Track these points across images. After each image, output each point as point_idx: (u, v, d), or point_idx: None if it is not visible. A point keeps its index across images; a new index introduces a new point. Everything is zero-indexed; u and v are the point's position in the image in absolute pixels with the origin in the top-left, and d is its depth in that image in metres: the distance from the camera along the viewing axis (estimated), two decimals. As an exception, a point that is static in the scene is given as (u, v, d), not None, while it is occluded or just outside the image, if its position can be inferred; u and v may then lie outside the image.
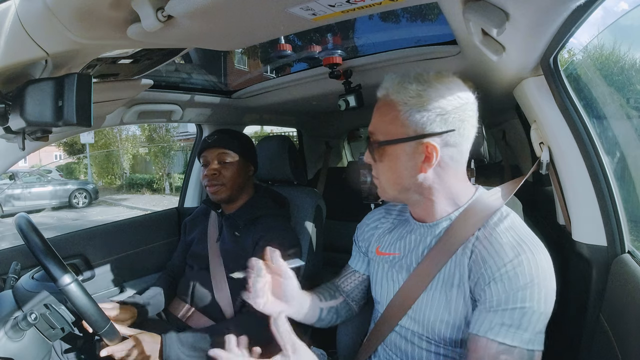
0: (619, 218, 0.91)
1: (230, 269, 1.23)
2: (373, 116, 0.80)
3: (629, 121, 1.25)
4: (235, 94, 1.70)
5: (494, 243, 0.70)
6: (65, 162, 15.97)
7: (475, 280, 0.70)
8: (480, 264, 0.70)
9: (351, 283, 1.02)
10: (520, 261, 0.66)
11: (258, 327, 1.14)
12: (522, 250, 0.67)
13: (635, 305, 0.71)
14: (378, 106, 0.79)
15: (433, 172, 0.75)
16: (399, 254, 0.87)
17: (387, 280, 0.88)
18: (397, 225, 0.92)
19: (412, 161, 0.74)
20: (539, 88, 0.96)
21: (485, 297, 0.67)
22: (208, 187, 1.26)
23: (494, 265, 0.67)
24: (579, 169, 0.94)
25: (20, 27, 0.58)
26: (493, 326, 0.65)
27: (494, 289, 0.66)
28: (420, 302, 0.79)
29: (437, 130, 0.72)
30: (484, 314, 0.67)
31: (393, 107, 0.74)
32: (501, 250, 0.68)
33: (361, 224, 1.02)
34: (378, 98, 0.80)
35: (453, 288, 0.74)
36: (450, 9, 0.74)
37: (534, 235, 0.72)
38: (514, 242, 0.69)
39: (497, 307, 0.65)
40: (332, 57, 1.24)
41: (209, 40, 0.74)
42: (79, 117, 0.62)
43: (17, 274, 1.01)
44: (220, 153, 1.26)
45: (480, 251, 0.71)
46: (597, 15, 0.69)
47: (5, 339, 0.81)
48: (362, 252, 1.00)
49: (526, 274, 0.65)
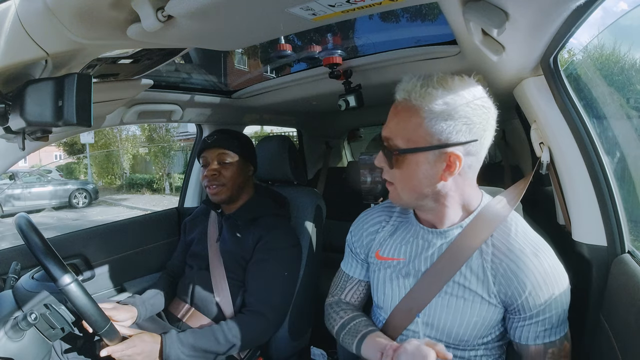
0: (619, 218, 0.91)
1: (230, 269, 1.23)
2: (390, 119, 0.76)
3: (629, 121, 1.25)
4: (235, 94, 1.70)
5: (517, 253, 0.74)
6: (65, 162, 15.97)
7: (509, 293, 0.74)
8: (511, 277, 0.74)
9: (360, 294, 0.99)
10: (545, 271, 0.73)
11: (257, 326, 1.14)
12: (542, 260, 0.73)
13: (635, 305, 0.71)
14: (397, 110, 0.75)
15: (452, 180, 0.74)
16: (404, 259, 0.85)
17: (391, 286, 0.86)
18: (398, 228, 0.90)
19: (434, 169, 0.73)
20: (539, 88, 0.96)
21: (523, 309, 0.74)
22: (208, 187, 1.26)
23: (525, 278, 0.72)
24: (579, 169, 0.94)
25: (20, 27, 0.58)
26: (538, 334, 0.74)
27: (531, 303, 0.73)
28: (434, 307, 0.79)
29: (462, 140, 0.71)
30: (527, 327, 0.75)
31: (416, 113, 0.71)
32: (527, 262, 0.73)
33: (356, 227, 0.98)
34: (397, 100, 0.75)
35: (478, 297, 0.76)
36: (450, 9, 0.73)
37: (541, 238, 0.78)
38: (533, 250, 0.74)
39: (537, 318, 0.73)
40: (332, 57, 1.24)
41: (209, 40, 0.74)
42: (79, 117, 0.62)
43: (17, 274, 1.01)
44: (220, 153, 1.26)
45: (505, 263, 0.75)
46: (596, 16, 0.69)
47: (5, 339, 0.81)
48: (360, 259, 0.96)
49: (553, 283, 0.72)
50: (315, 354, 1.21)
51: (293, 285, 1.28)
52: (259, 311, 1.15)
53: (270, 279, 1.18)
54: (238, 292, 1.21)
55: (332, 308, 0.98)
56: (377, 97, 1.56)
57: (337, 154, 2.91)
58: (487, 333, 0.78)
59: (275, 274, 1.19)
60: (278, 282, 1.19)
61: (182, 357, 1.03)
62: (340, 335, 0.91)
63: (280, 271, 1.20)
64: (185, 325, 1.20)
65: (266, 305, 1.16)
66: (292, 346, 1.32)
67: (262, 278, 1.18)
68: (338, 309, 0.96)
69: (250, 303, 1.17)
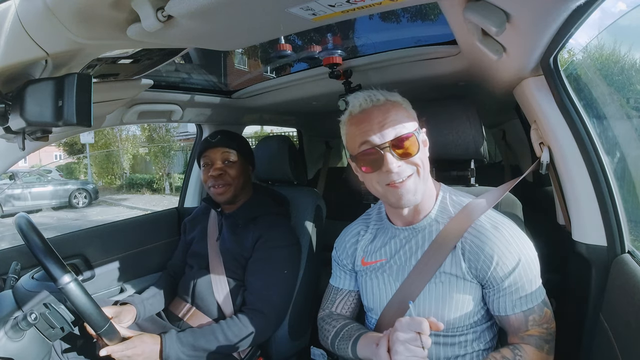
0: (619, 218, 0.91)
1: (230, 268, 1.23)
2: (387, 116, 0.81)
3: (629, 121, 1.25)
4: (235, 94, 1.70)
5: (478, 229, 0.82)
6: (65, 162, 15.97)
7: (479, 266, 0.80)
8: (477, 252, 0.80)
9: (351, 305, 1.01)
10: (506, 239, 0.79)
11: (257, 325, 1.14)
12: (502, 230, 0.80)
13: (635, 305, 0.71)
14: (387, 107, 0.82)
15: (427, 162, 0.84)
16: (385, 260, 0.90)
17: (378, 287, 0.90)
18: (377, 234, 0.96)
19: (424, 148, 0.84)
20: (539, 88, 0.96)
21: (495, 281, 0.79)
22: (214, 187, 1.25)
23: (490, 250, 0.79)
24: (579, 169, 0.94)
25: (20, 27, 0.58)
26: (515, 303, 0.79)
27: (500, 272, 0.78)
28: (422, 299, 0.83)
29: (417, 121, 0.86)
30: (503, 298, 0.80)
31: (400, 105, 0.83)
32: (488, 235, 0.80)
33: (339, 242, 1.04)
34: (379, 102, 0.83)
35: (454, 278, 0.82)
36: (450, 9, 0.74)
37: (501, 214, 0.87)
38: (492, 224, 0.82)
39: (510, 288, 0.79)
40: (332, 57, 1.24)
41: (209, 40, 0.74)
42: (79, 117, 0.62)
43: (17, 274, 1.01)
44: (224, 152, 1.26)
45: (470, 240, 0.82)
46: (596, 16, 0.69)
47: (5, 339, 0.81)
48: (348, 269, 1.00)
49: (517, 250, 0.79)
50: (315, 354, 1.21)
51: (293, 283, 1.28)
52: (259, 309, 1.15)
53: (270, 278, 1.18)
54: (238, 291, 1.21)
55: (324, 321, 1.00)
56: (377, 97, 1.56)
57: (337, 154, 2.91)
58: (472, 313, 0.82)
59: (275, 273, 1.19)
60: (278, 280, 1.19)
61: (182, 357, 1.03)
62: (335, 343, 0.92)
63: (280, 269, 1.20)
64: (186, 325, 1.21)
65: (266, 303, 1.16)
66: (292, 346, 1.32)
67: (261, 276, 1.19)
68: (330, 320, 0.98)
69: (250, 301, 1.17)
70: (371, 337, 0.81)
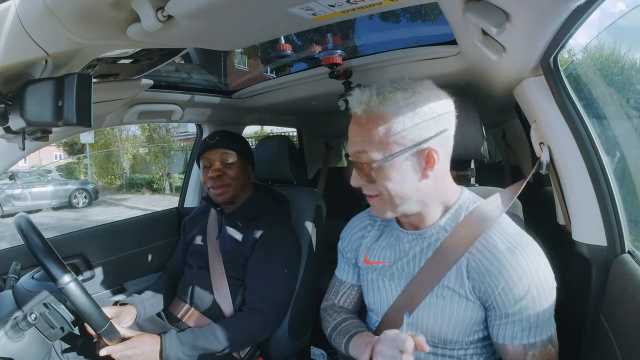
0: (619, 218, 0.91)
1: (229, 267, 1.23)
2: (355, 135, 0.74)
3: (629, 121, 1.25)
4: (235, 94, 1.70)
5: (489, 249, 0.73)
6: (65, 162, 15.96)
7: (483, 289, 0.73)
8: (484, 273, 0.72)
9: (353, 299, 1.01)
10: (520, 267, 0.70)
11: (257, 324, 1.14)
12: (517, 255, 0.71)
13: (635, 305, 0.71)
14: (360, 123, 0.73)
15: (432, 175, 0.74)
16: (388, 262, 0.87)
17: (379, 290, 0.88)
18: (382, 232, 0.93)
19: (414, 170, 0.72)
20: (539, 88, 0.96)
21: (498, 306, 0.72)
22: (213, 188, 1.26)
23: (497, 274, 0.71)
24: (579, 169, 0.94)
25: (20, 27, 0.58)
26: (515, 334, 0.72)
27: (505, 300, 0.71)
28: (421, 310, 0.79)
29: (433, 133, 0.71)
30: (504, 325, 0.72)
31: (382, 120, 0.70)
32: (499, 257, 0.71)
33: (345, 234, 1.01)
34: (357, 115, 0.74)
35: (456, 295, 0.76)
36: (450, 9, 0.73)
37: (522, 233, 0.76)
38: (508, 246, 0.73)
39: (513, 317, 0.71)
40: (332, 57, 1.24)
41: (209, 40, 0.74)
42: (79, 117, 0.62)
43: (17, 274, 1.01)
44: (223, 153, 1.27)
45: (478, 258, 0.74)
46: (596, 16, 0.69)
47: (5, 339, 0.81)
48: (352, 263, 0.99)
49: (529, 278, 0.70)
50: (315, 354, 1.21)
51: (293, 283, 1.28)
52: (259, 309, 1.15)
53: (269, 277, 1.18)
54: (238, 291, 1.21)
55: (326, 312, 1.00)
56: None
57: (337, 154, 2.90)
58: (472, 332, 0.77)
59: (274, 272, 1.19)
60: (278, 279, 1.19)
61: (182, 357, 1.03)
62: (332, 336, 0.92)
63: (279, 269, 1.20)
64: (186, 325, 1.20)
65: (266, 302, 1.16)
66: (292, 346, 1.32)
67: (261, 276, 1.18)
68: (332, 312, 0.98)
69: (249, 301, 1.17)
70: (363, 339, 0.80)
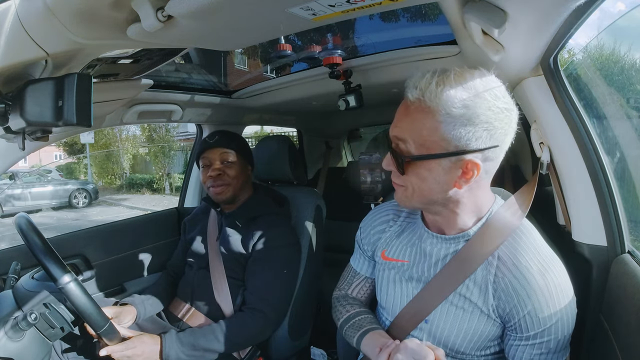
0: (619, 218, 0.91)
1: (229, 268, 1.23)
2: (400, 119, 0.69)
3: (629, 121, 1.25)
4: (235, 94, 1.70)
5: (522, 270, 0.70)
6: (65, 162, 15.96)
7: (507, 309, 0.71)
8: (512, 294, 0.70)
9: (367, 291, 0.99)
10: (549, 292, 0.68)
11: (257, 324, 1.14)
12: (548, 279, 0.68)
13: (635, 305, 0.71)
14: (409, 110, 0.67)
15: (466, 187, 0.69)
16: (407, 262, 0.83)
17: (394, 289, 0.85)
18: (405, 229, 0.88)
19: (447, 176, 0.67)
20: (539, 88, 0.96)
21: (520, 329, 0.70)
22: (212, 188, 1.26)
23: (526, 297, 0.68)
24: (579, 169, 0.94)
25: (20, 27, 0.58)
26: (533, 357, 0.70)
27: (529, 323, 0.68)
28: (437, 317, 0.78)
29: (482, 146, 0.64)
30: (522, 347, 0.70)
31: (432, 116, 0.64)
32: (530, 280, 0.69)
33: (365, 225, 0.96)
34: (408, 99, 0.67)
35: (473, 306, 0.74)
36: (450, 9, 0.73)
37: (553, 254, 0.73)
38: (540, 268, 0.69)
39: (534, 341, 0.69)
40: (332, 57, 1.24)
41: (209, 40, 0.74)
42: (79, 117, 0.62)
43: (17, 274, 1.01)
44: (223, 153, 1.27)
45: (508, 279, 0.70)
46: (595, 17, 0.69)
47: (5, 339, 0.81)
48: (368, 255, 0.95)
49: (556, 304, 0.68)
50: (315, 354, 1.21)
51: (293, 283, 1.28)
52: (259, 309, 1.15)
53: (269, 277, 1.18)
54: (238, 291, 1.21)
55: (338, 301, 0.98)
56: (377, 97, 1.56)
57: (337, 154, 2.91)
58: (485, 346, 0.76)
59: (274, 272, 1.19)
60: (278, 280, 1.19)
61: (182, 357, 1.03)
62: (344, 327, 0.90)
63: (279, 269, 1.20)
64: (186, 325, 1.21)
65: (266, 302, 1.16)
66: (292, 346, 1.32)
67: (261, 276, 1.19)
68: (345, 303, 0.96)
69: (249, 301, 1.17)
70: (377, 338, 0.79)
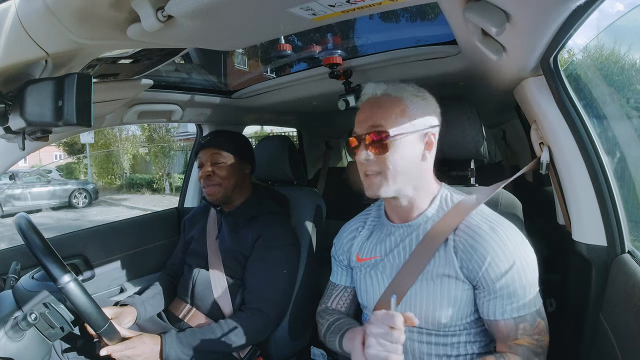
0: (619, 218, 0.91)
1: (229, 267, 1.23)
2: (374, 111, 0.84)
3: (629, 121, 1.25)
4: (235, 94, 1.70)
5: (474, 229, 0.80)
6: (65, 162, 15.97)
7: (471, 267, 0.78)
8: (470, 252, 0.78)
9: (346, 301, 1.02)
10: (502, 241, 0.77)
11: (256, 324, 1.14)
12: (499, 232, 0.78)
13: (635, 305, 0.71)
14: (378, 102, 0.84)
15: (428, 159, 0.85)
16: (379, 257, 0.91)
17: (371, 284, 0.91)
18: (373, 231, 0.97)
19: (417, 149, 0.83)
20: (539, 88, 0.96)
21: (486, 282, 0.77)
22: (204, 188, 1.27)
23: (483, 250, 0.77)
24: (579, 169, 0.94)
25: (20, 27, 0.58)
26: (504, 309, 0.76)
27: (492, 274, 0.76)
28: (410, 296, 0.82)
29: (434, 123, 0.86)
30: (493, 301, 0.77)
31: (399, 102, 0.83)
32: (484, 235, 0.78)
33: (337, 239, 1.05)
34: (376, 95, 0.86)
35: (446, 278, 0.80)
36: (450, 9, 0.74)
37: (501, 217, 0.84)
38: (489, 225, 0.80)
39: (502, 292, 0.76)
40: (332, 57, 1.23)
41: (209, 40, 0.74)
42: (79, 117, 0.62)
43: (17, 274, 1.01)
44: (214, 154, 1.27)
45: (465, 239, 0.80)
46: (595, 17, 0.69)
47: (5, 339, 0.81)
48: (344, 265, 1.02)
49: (511, 251, 0.76)
50: (315, 354, 1.21)
51: (292, 282, 1.28)
52: (258, 308, 1.15)
53: (269, 276, 1.18)
54: (237, 290, 1.21)
55: (319, 315, 1.03)
56: (377, 97, 1.55)
57: (337, 154, 2.91)
58: (464, 314, 0.80)
59: (274, 271, 1.19)
60: (277, 279, 1.19)
61: (182, 357, 1.03)
62: (326, 336, 0.94)
63: (279, 268, 1.20)
64: (186, 325, 1.20)
65: (265, 302, 1.16)
66: (292, 346, 1.32)
67: (261, 275, 1.19)
68: (324, 315, 1.00)
69: (249, 300, 1.17)
70: (355, 331, 0.82)
